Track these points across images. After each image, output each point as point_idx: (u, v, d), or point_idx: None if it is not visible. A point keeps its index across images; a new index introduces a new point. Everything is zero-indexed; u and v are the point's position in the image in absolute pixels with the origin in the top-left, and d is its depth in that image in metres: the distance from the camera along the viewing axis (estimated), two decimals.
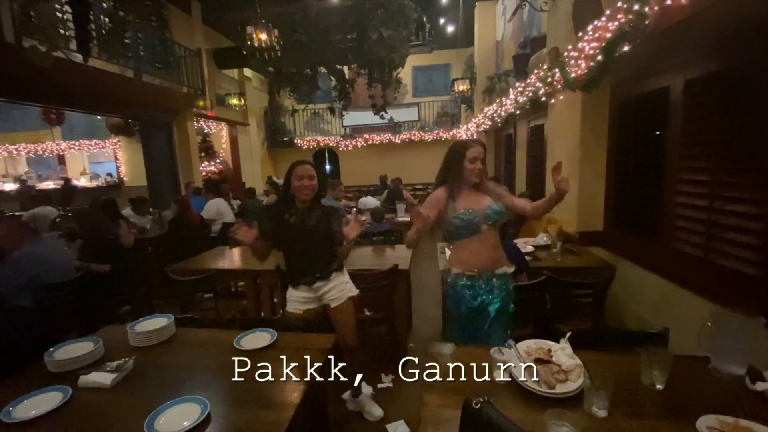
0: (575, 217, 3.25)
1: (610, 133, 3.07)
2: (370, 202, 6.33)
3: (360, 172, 10.65)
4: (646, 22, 1.84)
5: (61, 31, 3.54)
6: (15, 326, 2.31)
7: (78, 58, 3.93)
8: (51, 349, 1.56)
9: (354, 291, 2.23)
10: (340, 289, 2.17)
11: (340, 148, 11.03)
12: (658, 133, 2.44)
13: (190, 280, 2.83)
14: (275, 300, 3.26)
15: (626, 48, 2.03)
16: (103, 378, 1.37)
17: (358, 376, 2.35)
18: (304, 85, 6.24)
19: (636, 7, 1.86)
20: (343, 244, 2.13)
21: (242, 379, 1.41)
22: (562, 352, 1.32)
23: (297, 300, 2.18)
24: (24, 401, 1.27)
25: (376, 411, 2.28)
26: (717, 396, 1.22)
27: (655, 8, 1.77)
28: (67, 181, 8.89)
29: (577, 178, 3.20)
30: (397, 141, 10.72)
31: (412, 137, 10.70)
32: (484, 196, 1.93)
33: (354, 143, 10.83)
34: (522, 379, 1.24)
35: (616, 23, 2.04)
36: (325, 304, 2.18)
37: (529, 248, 2.99)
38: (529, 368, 1.27)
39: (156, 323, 1.75)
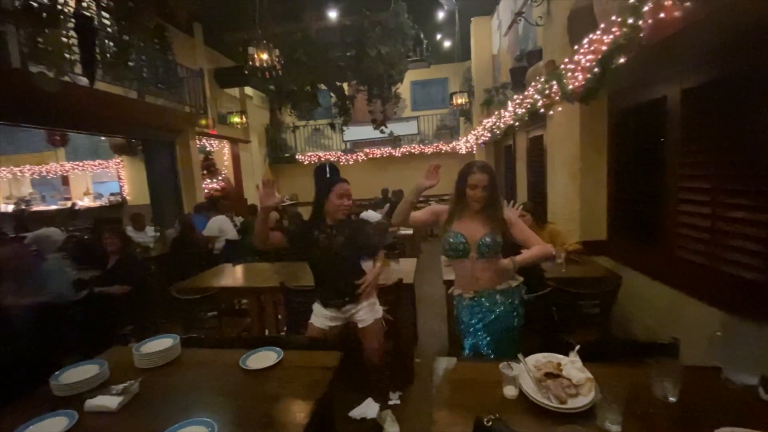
0: (578, 227, 3.25)
1: (609, 142, 3.09)
2: (372, 215, 6.33)
3: (361, 185, 10.65)
4: (641, 34, 1.88)
5: (67, 56, 3.62)
6: (19, 349, 2.30)
7: (83, 81, 4.01)
8: (56, 373, 1.55)
9: (380, 312, 2.23)
10: (367, 311, 2.18)
11: (341, 163, 11.11)
12: (657, 142, 2.46)
13: (194, 299, 2.82)
14: (279, 317, 3.24)
15: (622, 60, 2.06)
16: (109, 401, 1.36)
17: (372, 403, 2.34)
18: (305, 102, 6.33)
19: (630, 20, 1.90)
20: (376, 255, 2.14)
21: (249, 401, 1.39)
22: (572, 365, 1.30)
23: (324, 316, 2.20)
24: (30, 427, 1.26)
25: (392, 429, 2.25)
26: (731, 407, 1.20)
27: (649, 21, 1.80)
28: (73, 204, 8.99)
29: (579, 187, 3.21)
30: (397, 154, 10.81)
31: (412, 150, 10.79)
32: (484, 224, 1.85)
33: (355, 157, 10.92)
34: (533, 394, 1.23)
35: (611, 36, 2.07)
36: (353, 323, 2.20)
37: None
38: (539, 383, 1.25)
39: (162, 344, 1.74)
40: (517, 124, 4.54)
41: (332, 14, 6.15)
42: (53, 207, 9.22)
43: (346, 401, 2.49)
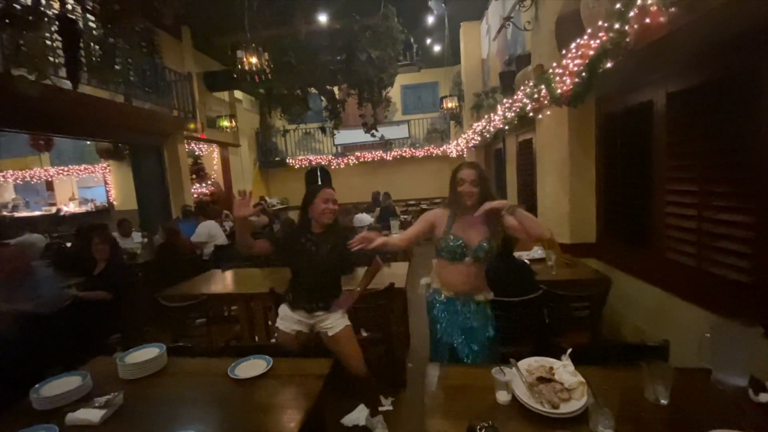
0: (568, 229, 3.27)
1: (597, 145, 3.13)
2: (365, 219, 6.33)
3: (352, 189, 10.68)
4: (627, 39, 1.90)
5: (51, 59, 3.55)
6: (2, 359, 2.23)
7: (67, 84, 3.93)
8: (37, 386, 1.50)
9: (347, 321, 2.20)
10: (335, 320, 2.16)
11: (332, 167, 11.08)
12: (644, 145, 2.49)
13: (182, 306, 2.76)
14: (269, 323, 3.20)
15: (609, 64, 2.09)
16: (91, 415, 1.32)
17: (363, 409, 2.31)
18: (295, 106, 6.30)
19: (617, 25, 1.92)
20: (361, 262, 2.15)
21: (237, 411, 1.36)
22: (564, 369, 1.30)
23: (290, 319, 2.16)
24: None
25: None
26: (721, 409, 1.20)
27: (635, 26, 1.83)
28: (58, 210, 8.81)
29: (568, 190, 3.24)
30: (388, 158, 10.82)
31: (403, 154, 10.82)
32: (481, 228, 1.86)
33: (346, 161, 10.90)
34: (525, 399, 1.22)
35: (598, 41, 2.10)
36: (321, 332, 2.16)
37: (524, 261, 2.99)
38: (531, 388, 1.25)
39: (147, 354, 1.69)
40: (506, 127, 4.57)
41: (322, 18, 6.15)
42: (37, 213, 9.02)
43: (338, 408, 2.45)
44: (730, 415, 1.14)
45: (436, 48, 8.79)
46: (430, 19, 7.27)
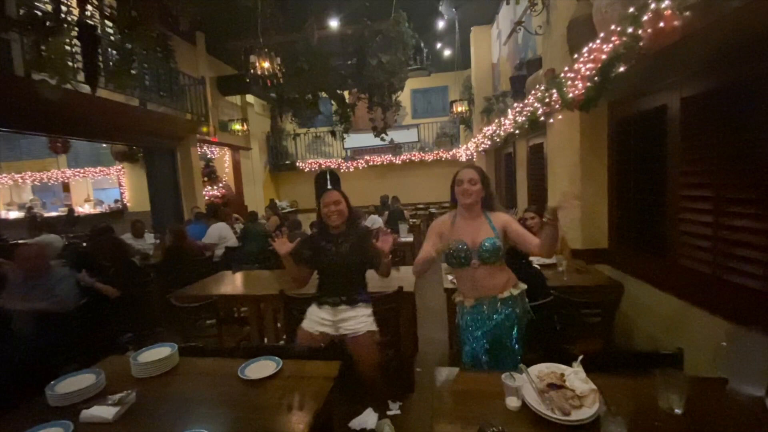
0: (579, 235, 3.24)
1: (610, 150, 3.09)
2: (378, 220, 6.35)
3: (362, 192, 10.71)
4: (640, 44, 1.88)
5: (70, 64, 3.65)
6: (15, 358, 2.28)
7: (85, 89, 4.03)
8: (52, 383, 1.53)
9: (374, 326, 2.24)
10: (359, 321, 2.20)
11: (342, 170, 11.14)
12: (658, 150, 2.46)
13: (193, 306, 2.80)
14: (278, 325, 3.22)
15: (622, 68, 2.07)
16: (104, 412, 1.34)
17: (371, 413, 2.32)
18: (306, 110, 6.36)
19: (630, 29, 1.91)
20: (379, 263, 2.18)
21: (247, 411, 1.37)
22: (575, 376, 1.28)
23: (315, 319, 2.23)
24: None
25: None
26: (738, 419, 1.18)
27: (649, 30, 1.81)
28: (71, 210, 8.99)
29: (579, 195, 3.20)
30: (397, 162, 10.85)
31: (413, 158, 10.83)
32: (482, 227, 1.85)
33: (355, 165, 10.95)
34: (536, 406, 1.21)
35: (610, 45, 2.08)
36: (343, 335, 2.21)
37: (535, 267, 2.96)
38: (542, 394, 1.23)
39: (159, 353, 1.72)
40: (517, 131, 4.54)
41: (334, 23, 6.21)
42: (53, 213, 9.23)
43: (346, 411, 2.45)
44: (746, 425, 1.12)
45: (447, 52, 8.80)
46: (441, 24, 7.29)
